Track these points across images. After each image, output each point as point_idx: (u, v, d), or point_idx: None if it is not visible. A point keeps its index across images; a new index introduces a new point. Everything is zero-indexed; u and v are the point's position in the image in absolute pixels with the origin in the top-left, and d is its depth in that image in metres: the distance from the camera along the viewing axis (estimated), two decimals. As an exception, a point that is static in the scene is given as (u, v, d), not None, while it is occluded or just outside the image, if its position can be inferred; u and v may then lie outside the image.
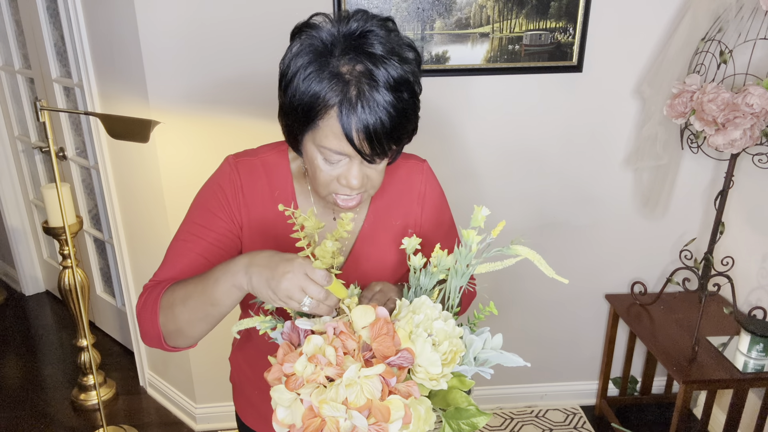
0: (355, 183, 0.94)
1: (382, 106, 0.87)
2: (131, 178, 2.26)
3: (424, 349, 0.79)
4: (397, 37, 0.94)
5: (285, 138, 1.01)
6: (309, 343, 0.78)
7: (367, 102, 0.87)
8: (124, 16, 1.92)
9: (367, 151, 0.90)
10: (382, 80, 0.87)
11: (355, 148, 0.89)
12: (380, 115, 0.87)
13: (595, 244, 2.31)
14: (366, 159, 0.92)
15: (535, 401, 2.55)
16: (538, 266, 0.86)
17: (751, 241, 2.14)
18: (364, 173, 0.95)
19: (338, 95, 0.87)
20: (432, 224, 1.17)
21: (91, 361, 2.41)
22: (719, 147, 1.74)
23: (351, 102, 0.87)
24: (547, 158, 2.17)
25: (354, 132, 0.88)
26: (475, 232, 0.87)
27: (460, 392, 0.81)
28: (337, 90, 0.87)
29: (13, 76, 2.99)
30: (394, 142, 0.92)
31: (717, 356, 1.94)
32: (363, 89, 0.87)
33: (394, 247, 1.13)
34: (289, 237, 1.04)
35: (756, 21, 1.80)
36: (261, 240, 1.08)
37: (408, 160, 1.16)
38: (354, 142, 0.89)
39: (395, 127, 0.90)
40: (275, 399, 0.78)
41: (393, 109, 0.88)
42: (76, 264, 2.32)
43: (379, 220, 1.13)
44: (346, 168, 0.94)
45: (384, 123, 0.88)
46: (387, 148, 0.92)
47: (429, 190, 1.16)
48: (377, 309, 0.82)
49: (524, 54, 2.00)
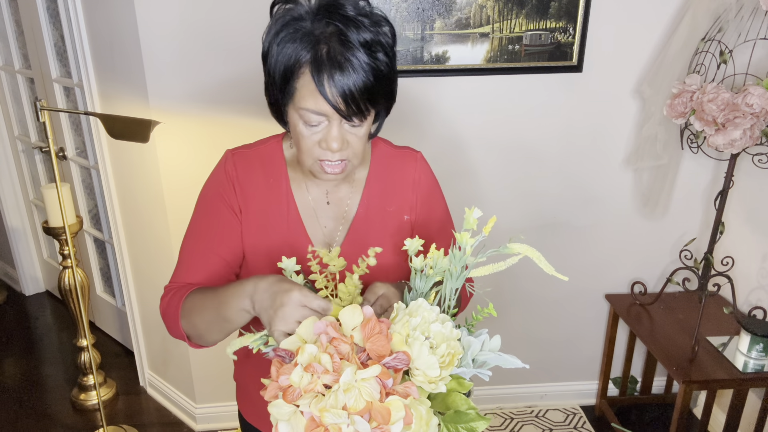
0: (335, 145, 0.97)
1: (354, 63, 0.91)
2: (131, 178, 2.26)
3: (421, 352, 0.79)
4: (371, 8, 0.98)
5: (272, 115, 1.06)
6: (303, 353, 0.78)
7: (338, 59, 0.90)
8: (124, 16, 1.92)
9: (342, 107, 0.93)
10: (354, 39, 0.91)
11: (331, 105, 0.92)
12: (352, 72, 0.91)
13: (595, 244, 2.31)
14: (343, 116, 0.94)
15: (535, 401, 2.55)
16: (537, 263, 0.86)
17: (751, 241, 2.14)
18: (344, 136, 0.98)
19: (310, 53, 0.92)
20: (426, 211, 1.18)
21: (91, 361, 2.41)
22: (719, 147, 1.74)
23: (323, 59, 0.91)
24: (547, 158, 2.17)
25: (327, 88, 0.91)
26: (468, 234, 0.86)
27: (459, 395, 0.81)
28: (309, 48, 0.92)
29: (13, 76, 2.99)
30: (369, 101, 0.94)
31: (717, 356, 1.94)
32: (334, 47, 0.91)
33: (388, 233, 1.15)
34: (280, 225, 1.10)
35: (756, 21, 1.80)
36: (256, 227, 1.11)
37: (402, 150, 1.19)
38: (328, 98, 0.92)
39: (368, 86, 0.93)
40: (274, 415, 0.77)
41: (365, 66, 0.92)
42: (76, 264, 2.32)
43: (373, 207, 1.14)
44: (326, 130, 0.97)
45: (356, 79, 0.91)
46: (363, 107, 0.94)
47: (423, 178, 1.18)
48: (364, 309, 0.82)
49: (524, 54, 2.00)
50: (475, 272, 0.90)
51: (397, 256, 1.14)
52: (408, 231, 1.17)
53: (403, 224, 1.16)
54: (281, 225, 1.11)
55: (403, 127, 2.05)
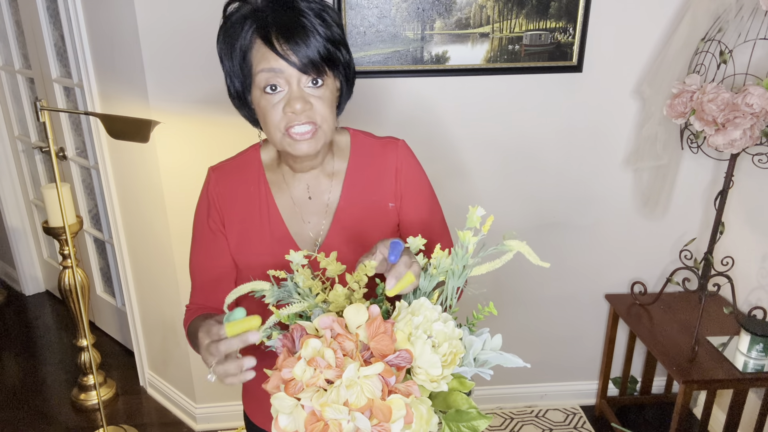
0: (298, 106, 0.98)
1: (293, 9, 0.96)
2: (131, 178, 2.26)
3: (423, 350, 0.79)
4: None
5: (241, 113, 1.10)
6: (307, 347, 0.78)
7: (283, 18, 0.96)
8: (124, 16, 1.92)
9: (292, 57, 0.96)
10: (299, 3, 0.97)
11: (281, 57, 0.95)
12: (297, 26, 0.96)
13: (595, 244, 2.31)
14: (297, 69, 0.96)
15: (535, 401, 2.55)
16: (527, 257, 0.86)
17: (751, 241, 2.14)
18: (306, 98, 0.99)
19: (257, 22, 0.97)
20: (412, 197, 1.17)
21: (91, 361, 2.41)
22: (719, 147, 1.74)
23: (268, 21, 0.96)
24: (547, 158, 2.17)
25: (273, 35, 0.95)
26: (471, 233, 0.86)
27: (461, 394, 0.81)
28: (256, 19, 0.98)
29: (13, 76, 2.99)
30: (321, 57, 0.97)
31: (717, 356, 1.94)
32: (277, 9, 0.97)
33: (372, 222, 1.15)
34: (262, 229, 1.13)
35: (756, 21, 1.80)
36: (238, 237, 1.14)
37: (383, 140, 1.18)
38: (276, 48, 0.95)
39: (317, 41, 0.97)
40: (276, 406, 0.78)
41: (307, 10, 0.97)
42: (76, 264, 2.32)
43: (355, 197, 1.14)
44: (287, 94, 0.99)
45: (303, 33, 0.96)
46: (312, 56, 0.96)
47: (404, 165, 1.16)
48: (370, 308, 0.82)
49: (524, 54, 2.00)
50: (474, 270, 0.90)
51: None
52: (394, 218, 1.17)
53: (389, 212, 1.16)
54: (263, 229, 1.13)
55: (403, 127, 2.05)
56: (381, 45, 1.95)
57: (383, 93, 2.03)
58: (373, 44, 1.95)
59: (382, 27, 1.94)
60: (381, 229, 1.15)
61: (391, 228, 1.17)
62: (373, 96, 2.03)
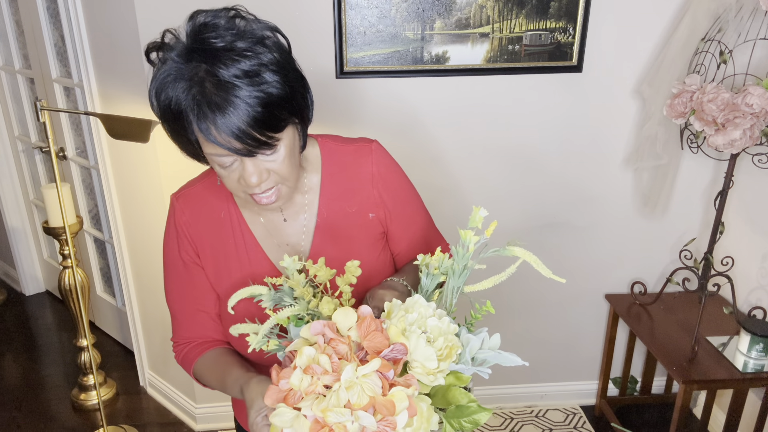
0: (253, 180, 0.91)
1: (234, 101, 0.84)
2: (131, 178, 2.26)
3: (418, 344, 0.79)
4: (246, 23, 0.90)
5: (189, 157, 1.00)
6: (302, 356, 0.78)
7: (215, 100, 0.84)
8: (124, 16, 1.93)
9: (238, 147, 0.86)
10: (228, 76, 0.84)
11: (226, 148, 0.86)
12: (234, 111, 0.84)
13: (595, 244, 2.31)
14: (244, 155, 0.88)
15: (535, 401, 2.55)
16: (535, 267, 0.86)
17: (750, 241, 2.14)
18: (261, 169, 0.92)
19: (186, 101, 0.86)
20: (393, 201, 1.11)
21: (91, 361, 2.41)
22: (719, 147, 1.74)
23: (199, 105, 0.85)
24: (547, 158, 2.17)
25: (214, 133, 0.85)
26: (472, 232, 0.86)
27: (459, 390, 0.81)
28: (185, 96, 0.86)
29: (14, 76, 2.99)
30: (267, 129, 0.87)
31: (717, 356, 1.94)
32: (208, 88, 0.84)
33: (355, 234, 1.09)
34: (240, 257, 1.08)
35: (756, 21, 1.80)
36: (215, 267, 1.09)
37: (354, 145, 1.10)
38: (220, 143, 0.86)
39: (259, 117, 0.86)
40: (277, 424, 0.77)
41: (249, 99, 0.85)
42: (76, 264, 2.32)
43: (333, 212, 1.08)
44: (240, 168, 0.92)
45: (241, 116, 0.84)
46: (264, 139, 0.87)
47: (381, 170, 1.09)
48: (360, 308, 0.82)
49: (524, 54, 2.00)
50: (478, 285, 0.89)
51: (368, 256, 1.10)
52: (377, 228, 1.11)
53: (370, 223, 1.10)
54: (240, 256, 1.07)
55: (403, 127, 2.05)
56: (381, 45, 1.95)
57: (383, 93, 2.03)
58: (373, 44, 1.95)
59: (382, 27, 1.94)
60: (364, 242, 1.10)
61: (375, 238, 1.11)
62: (373, 96, 2.03)
